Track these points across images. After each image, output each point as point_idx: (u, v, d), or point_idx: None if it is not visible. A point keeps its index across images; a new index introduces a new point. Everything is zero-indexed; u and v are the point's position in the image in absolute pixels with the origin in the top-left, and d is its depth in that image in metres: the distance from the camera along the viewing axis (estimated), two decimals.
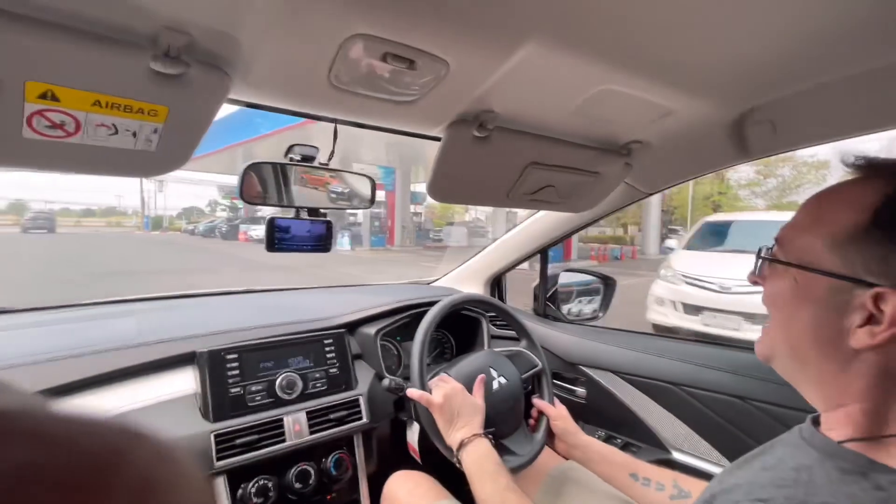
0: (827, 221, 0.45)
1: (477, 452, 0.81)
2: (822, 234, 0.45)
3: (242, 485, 0.92)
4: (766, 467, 0.46)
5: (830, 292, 0.43)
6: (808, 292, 0.45)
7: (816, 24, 0.58)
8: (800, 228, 0.48)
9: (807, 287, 0.45)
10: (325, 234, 0.93)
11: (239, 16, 0.50)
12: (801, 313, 0.46)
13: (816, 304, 0.44)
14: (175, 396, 0.94)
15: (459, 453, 0.83)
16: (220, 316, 1.18)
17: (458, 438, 0.84)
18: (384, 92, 0.68)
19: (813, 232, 0.46)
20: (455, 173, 0.92)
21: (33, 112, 0.51)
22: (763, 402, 1.02)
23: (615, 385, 1.29)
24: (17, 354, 0.87)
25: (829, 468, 0.41)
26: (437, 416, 0.89)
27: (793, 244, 0.48)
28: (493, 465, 0.79)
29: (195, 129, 0.63)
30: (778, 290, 0.49)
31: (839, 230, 0.43)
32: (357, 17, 0.52)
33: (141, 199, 36.05)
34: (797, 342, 0.47)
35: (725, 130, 0.92)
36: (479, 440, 0.83)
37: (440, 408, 0.88)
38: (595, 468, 0.92)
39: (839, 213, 0.44)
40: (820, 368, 0.45)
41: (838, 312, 0.43)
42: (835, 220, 0.44)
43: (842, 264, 0.43)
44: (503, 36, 0.58)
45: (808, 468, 0.42)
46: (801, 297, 0.46)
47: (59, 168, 0.61)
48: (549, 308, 1.57)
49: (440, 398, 0.88)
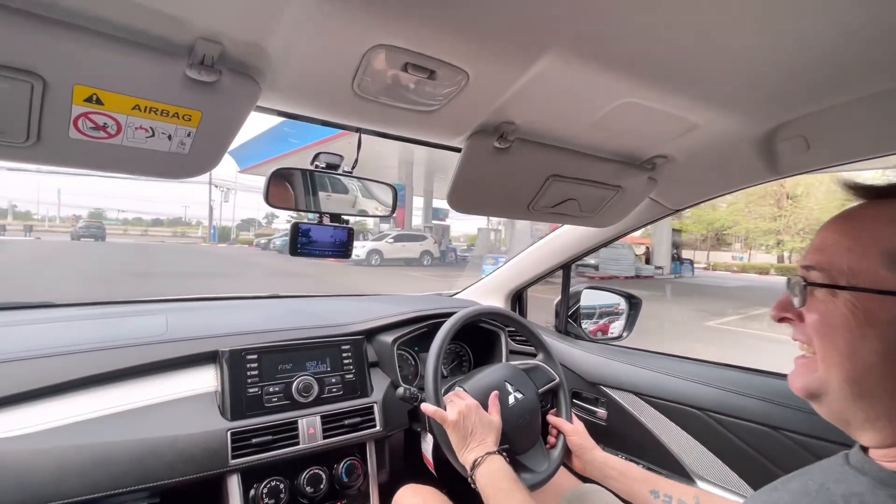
0: (871, 240, 0.41)
1: (490, 471, 0.79)
2: (873, 253, 0.41)
3: (255, 485, 0.93)
4: (807, 492, 0.43)
5: None
6: (873, 317, 0.40)
7: (848, 38, 0.56)
8: (840, 249, 0.43)
9: (870, 312, 0.40)
10: (347, 240, 0.95)
11: (268, 28, 0.53)
12: (867, 342, 0.40)
13: (886, 329, 0.39)
14: (197, 392, 0.97)
15: (473, 473, 0.81)
16: (244, 318, 1.22)
17: (472, 458, 0.82)
18: (406, 101, 0.70)
19: (858, 251, 0.42)
20: (475, 184, 0.93)
21: (80, 114, 0.55)
22: (797, 433, 0.96)
23: (637, 407, 1.24)
24: (54, 345, 0.92)
25: (881, 496, 0.38)
26: (451, 433, 0.87)
27: (836, 267, 0.43)
28: (506, 481, 0.77)
29: (225, 134, 0.66)
30: (831, 321, 0.43)
31: (891, 246, 0.40)
32: (379, 29, 0.54)
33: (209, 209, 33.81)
34: (862, 377, 0.41)
35: (754, 146, 0.89)
36: (493, 458, 0.82)
37: (454, 425, 0.87)
38: (613, 485, 0.89)
39: (881, 229, 0.41)
40: (891, 403, 0.41)
41: None
42: (880, 236, 0.41)
43: None
44: (522, 47, 0.59)
45: (858, 495, 0.39)
46: (865, 323, 0.41)
47: (99, 167, 0.65)
48: (571, 325, 1.54)
49: (455, 415, 0.87)
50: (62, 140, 0.58)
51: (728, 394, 1.09)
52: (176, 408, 0.92)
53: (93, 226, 26.67)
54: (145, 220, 71.86)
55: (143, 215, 74.07)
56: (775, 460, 0.99)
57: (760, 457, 1.01)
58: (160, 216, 75.97)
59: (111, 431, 0.83)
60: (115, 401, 0.89)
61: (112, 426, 0.84)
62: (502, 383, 1.01)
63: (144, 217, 73.70)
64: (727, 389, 1.10)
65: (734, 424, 1.06)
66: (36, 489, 0.74)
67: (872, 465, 0.41)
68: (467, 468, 0.83)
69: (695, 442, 1.13)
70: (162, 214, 76.57)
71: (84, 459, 0.79)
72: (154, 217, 75.83)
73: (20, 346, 0.90)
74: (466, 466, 0.84)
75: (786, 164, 0.90)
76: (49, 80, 0.51)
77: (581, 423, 1.02)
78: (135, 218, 69.16)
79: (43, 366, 0.87)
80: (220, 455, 0.90)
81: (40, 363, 0.87)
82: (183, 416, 0.91)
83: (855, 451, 0.45)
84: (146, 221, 70.99)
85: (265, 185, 0.86)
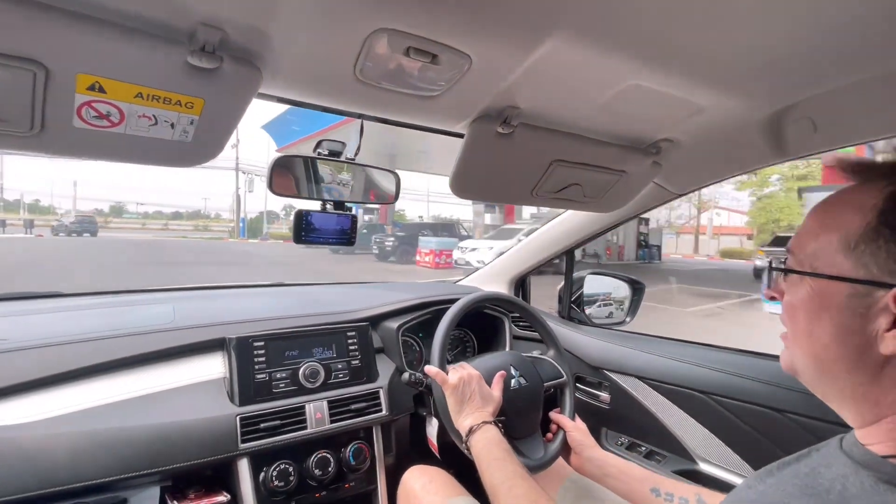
0: (835, 226, 0.44)
1: (485, 439, 0.80)
2: (832, 239, 0.43)
3: (265, 468, 0.95)
4: (797, 475, 0.44)
5: (850, 297, 0.42)
6: (826, 300, 0.43)
7: (855, 17, 0.55)
8: (809, 236, 0.46)
9: (824, 295, 0.44)
10: (350, 227, 0.95)
11: (269, 13, 0.53)
12: (822, 323, 0.44)
13: (837, 312, 0.43)
14: (206, 379, 0.98)
15: (468, 440, 0.82)
16: (250, 306, 1.23)
17: (468, 424, 0.84)
18: (408, 87, 0.70)
19: (822, 237, 0.45)
20: (478, 170, 0.92)
21: (83, 103, 0.55)
22: (800, 414, 0.97)
23: (640, 391, 1.25)
24: (65, 333, 0.93)
25: (863, 477, 0.39)
26: (450, 396, 0.89)
27: (804, 252, 0.46)
28: (501, 452, 0.78)
29: (228, 122, 0.66)
30: (795, 301, 0.47)
31: (850, 233, 0.42)
32: (381, 13, 0.54)
33: (236, 199, 28.53)
34: (822, 355, 0.45)
35: (761, 128, 0.88)
36: (489, 427, 0.83)
37: (454, 388, 0.88)
38: (612, 484, 0.88)
39: (846, 215, 0.43)
40: (850, 381, 0.43)
41: (862, 318, 0.41)
42: (843, 223, 0.43)
43: (857, 267, 0.41)
44: (526, 30, 0.58)
45: (843, 478, 0.40)
46: (819, 305, 0.44)
47: (103, 156, 0.66)
48: (574, 311, 1.55)
49: (455, 380, 0.89)
50: (66, 129, 0.58)
51: (731, 377, 1.10)
52: (186, 394, 0.94)
53: (85, 220, 24.64)
54: (165, 214, 65.52)
55: (162, 208, 67.67)
56: (778, 442, 1.00)
57: (764, 438, 1.02)
58: (179, 209, 69.51)
59: (123, 417, 0.85)
60: (126, 387, 0.90)
61: (123, 412, 0.86)
62: (507, 367, 1.02)
63: (164, 210, 67.11)
64: (730, 372, 1.10)
65: (737, 407, 1.07)
66: (52, 473, 0.76)
67: (859, 448, 0.42)
68: (462, 434, 0.84)
69: (698, 424, 1.14)
70: (181, 207, 70.54)
71: (97, 444, 0.80)
72: (174, 210, 68.93)
73: (33, 335, 0.91)
74: (462, 433, 0.85)
75: (793, 146, 0.89)
76: (51, 68, 0.51)
77: (583, 423, 1.02)
78: (155, 211, 64.17)
79: (55, 354, 0.88)
80: (230, 439, 0.92)
81: (53, 351, 0.88)
82: (193, 402, 0.93)
83: (849, 434, 0.46)
84: (166, 215, 64.62)
85: (268, 173, 0.86)
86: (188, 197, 78.16)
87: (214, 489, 0.93)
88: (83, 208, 49.05)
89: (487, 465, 0.76)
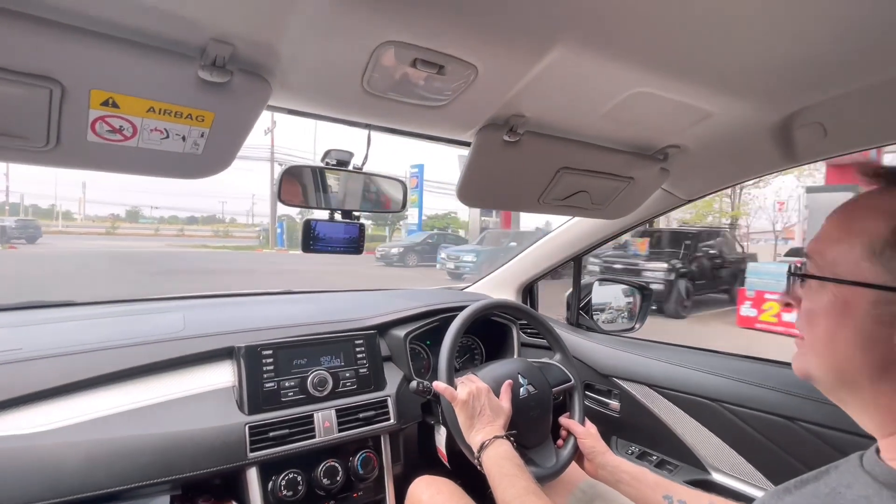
0: (860, 231, 0.42)
1: (497, 454, 0.80)
2: (857, 244, 0.42)
3: (273, 477, 0.95)
4: (817, 494, 0.43)
5: (875, 305, 0.40)
6: (849, 307, 0.42)
7: (867, 22, 0.55)
8: (831, 241, 0.45)
9: (847, 302, 0.42)
10: (358, 236, 0.96)
11: (278, 28, 0.54)
12: (844, 331, 0.42)
13: (861, 320, 0.41)
14: (215, 388, 0.99)
15: (480, 455, 0.82)
16: (259, 314, 1.24)
17: (479, 440, 0.83)
18: (415, 97, 0.70)
19: (846, 243, 0.43)
20: (485, 178, 0.93)
21: (97, 118, 0.57)
22: (815, 423, 0.95)
23: (650, 399, 1.24)
24: (78, 342, 0.94)
25: (886, 498, 0.38)
26: (460, 412, 0.88)
27: (825, 258, 0.45)
28: (513, 467, 0.77)
29: (238, 134, 0.67)
30: (815, 308, 0.45)
31: (874, 238, 0.41)
32: (388, 26, 0.54)
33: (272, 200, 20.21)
34: (844, 364, 0.43)
35: (770, 133, 0.87)
36: (500, 442, 0.82)
37: (463, 404, 0.88)
38: (625, 490, 0.87)
39: (870, 220, 0.42)
40: (873, 391, 0.42)
41: (887, 326, 0.39)
42: (867, 228, 0.42)
43: (882, 273, 0.40)
44: (532, 40, 0.58)
45: (865, 499, 0.39)
46: (842, 313, 0.43)
47: (116, 169, 0.67)
48: (583, 317, 1.54)
49: (464, 395, 0.88)
50: (80, 143, 0.59)
51: (743, 384, 1.08)
52: (196, 403, 0.94)
53: (29, 225, 20.11)
54: (181, 219, 56.88)
55: (178, 212, 59.70)
56: (793, 451, 0.98)
57: (777, 448, 1.00)
58: (195, 213, 61.75)
59: (135, 426, 0.86)
60: (138, 396, 0.91)
61: (136, 421, 0.87)
62: (515, 375, 1.01)
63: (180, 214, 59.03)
64: (742, 380, 1.09)
65: (750, 415, 1.05)
66: (67, 481, 0.76)
67: (882, 466, 0.41)
68: (474, 450, 0.84)
69: (709, 433, 1.12)
70: (196, 211, 62.61)
71: (111, 453, 0.81)
72: (189, 215, 60.78)
73: (47, 344, 0.92)
74: (473, 448, 0.84)
75: (803, 151, 0.88)
76: (67, 85, 0.52)
77: (594, 426, 1.01)
78: (171, 216, 56.58)
79: (69, 363, 0.89)
80: (239, 448, 0.92)
81: (67, 360, 0.89)
82: (203, 411, 0.93)
83: (870, 451, 0.44)
84: (181, 220, 56.49)
85: (277, 182, 0.87)
86: (204, 200, 71.26)
87: (223, 498, 0.93)
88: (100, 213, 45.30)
89: (500, 481, 0.75)
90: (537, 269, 1.61)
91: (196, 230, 41.61)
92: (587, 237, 1.43)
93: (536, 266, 1.60)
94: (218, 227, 43.11)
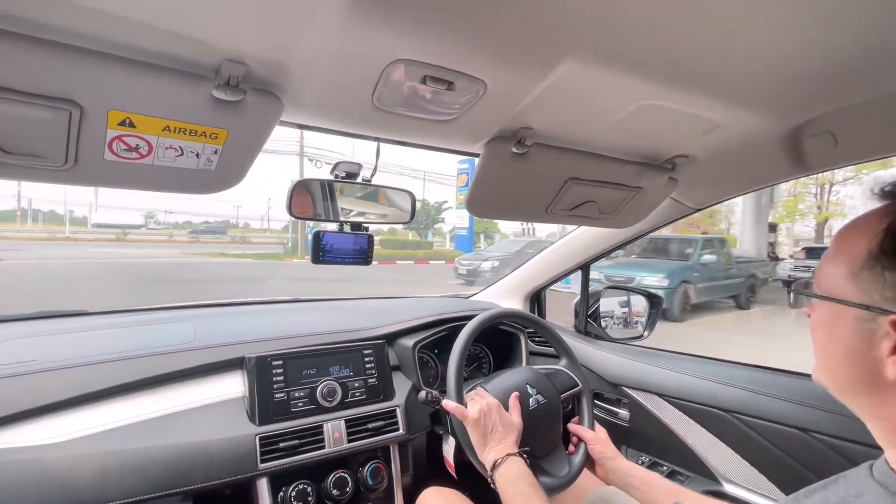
0: (847, 250, 0.45)
1: (511, 473, 0.79)
2: (842, 263, 0.45)
3: (283, 488, 0.95)
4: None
5: (857, 322, 0.43)
6: (838, 323, 0.45)
7: (877, 33, 0.55)
8: (828, 258, 0.48)
9: (836, 317, 0.45)
10: (367, 247, 0.96)
11: (291, 48, 0.55)
12: (834, 345, 0.46)
13: (847, 335, 0.44)
14: (225, 398, 1.00)
15: (493, 473, 0.81)
16: (268, 323, 1.25)
17: (492, 458, 0.83)
18: (424, 112, 0.71)
19: (836, 261, 0.46)
20: (494, 189, 0.93)
21: (114, 137, 0.58)
22: (829, 435, 0.94)
23: (660, 408, 1.23)
24: (90, 354, 0.96)
25: None
26: (472, 431, 0.88)
27: (822, 274, 0.48)
28: (527, 486, 0.77)
29: (250, 150, 0.68)
30: (815, 321, 0.49)
31: (856, 258, 0.43)
32: (399, 44, 0.55)
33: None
34: (836, 375, 0.46)
35: (779, 143, 0.87)
36: (514, 459, 0.82)
37: (475, 423, 0.87)
38: (636, 495, 0.87)
39: (857, 240, 0.44)
40: (867, 402, 0.44)
41: (867, 343, 0.42)
42: (852, 248, 0.44)
43: (860, 292, 0.43)
44: (540, 55, 0.59)
45: None
46: (832, 327, 0.46)
47: (132, 186, 0.68)
48: (591, 325, 1.53)
49: (475, 413, 0.88)
50: (97, 162, 0.60)
51: (754, 395, 1.07)
52: (206, 414, 0.95)
53: None
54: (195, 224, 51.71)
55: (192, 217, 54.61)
56: (806, 463, 0.97)
57: (790, 459, 0.99)
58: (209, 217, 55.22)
59: (146, 437, 0.86)
60: (149, 407, 0.92)
61: (147, 432, 0.87)
62: (523, 385, 1.01)
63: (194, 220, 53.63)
64: (753, 390, 1.08)
65: (761, 426, 1.04)
66: (80, 493, 0.77)
67: (892, 476, 0.41)
68: (487, 468, 0.83)
69: (720, 444, 1.11)
70: (211, 216, 56.18)
71: (123, 464, 0.82)
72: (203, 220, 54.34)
73: (61, 355, 0.94)
74: (486, 466, 0.84)
75: (813, 161, 0.88)
76: (85, 106, 0.53)
77: (604, 431, 1.00)
78: (185, 221, 53.48)
79: (83, 374, 0.90)
80: (250, 459, 0.92)
81: (80, 371, 0.90)
82: (213, 422, 0.94)
83: (880, 461, 0.44)
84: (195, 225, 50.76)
85: (288, 195, 0.87)
86: (218, 205, 68.81)
87: None
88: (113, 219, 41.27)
89: (513, 501, 0.75)
90: (545, 278, 1.61)
91: (210, 238, 37.15)
92: (595, 246, 1.43)
93: (544, 274, 1.60)
94: (234, 233, 39.85)
